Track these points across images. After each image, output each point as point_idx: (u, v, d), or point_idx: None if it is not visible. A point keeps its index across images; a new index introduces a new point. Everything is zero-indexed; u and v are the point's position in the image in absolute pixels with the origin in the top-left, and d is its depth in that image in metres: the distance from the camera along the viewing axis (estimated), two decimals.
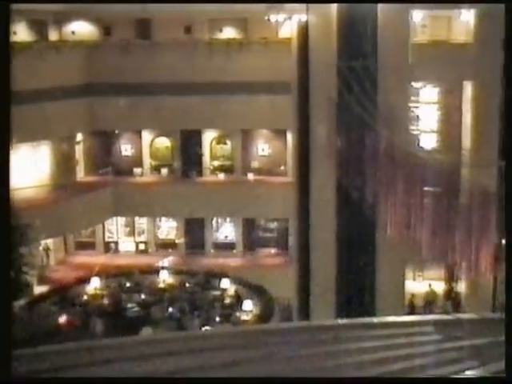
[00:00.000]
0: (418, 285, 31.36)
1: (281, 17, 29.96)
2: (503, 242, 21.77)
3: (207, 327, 22.31)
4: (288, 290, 30.08)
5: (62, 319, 22.64)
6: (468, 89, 28.90)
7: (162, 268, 28.41)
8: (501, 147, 26.95)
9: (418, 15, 28.26)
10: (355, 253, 28.29)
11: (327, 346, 11.27)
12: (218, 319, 23.25)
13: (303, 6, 27.76)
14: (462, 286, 30.24)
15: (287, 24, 30.81)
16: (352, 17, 26.76)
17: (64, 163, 36.32)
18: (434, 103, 31.10)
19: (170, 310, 23.90)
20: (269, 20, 30.26)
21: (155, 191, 36.39)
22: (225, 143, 38.06)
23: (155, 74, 35.05)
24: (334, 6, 26.98)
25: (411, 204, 20.87)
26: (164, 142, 38.36)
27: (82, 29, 39.50)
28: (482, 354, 11.07)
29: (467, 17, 28.18)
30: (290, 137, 34.58)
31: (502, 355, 10.23)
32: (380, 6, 26.58)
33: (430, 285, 30.49)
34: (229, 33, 39.32)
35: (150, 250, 37.64)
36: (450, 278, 30.85)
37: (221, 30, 39.30)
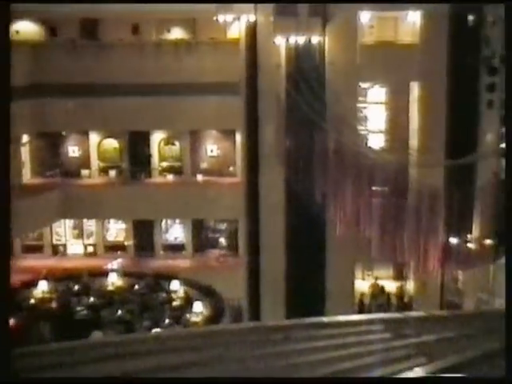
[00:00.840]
0: (367, 284, 31.63)
1: (229, 17, 29.89)
2: (451, 240, 22.10)
3: (157, 329, 22.16)
4: (238, 291, 30.04)
5: (10, 323, 22.24)
6: (415, 89, 29.23)
7: (111, 270, 28.11)
8: (448, 147, 27.34)
9: (365, 16, 28.48)
10: (305, 253, 28.40)
11: (278, 346, 11.26)
12: (167, 321, 23.10)
13: (251, 6, 27.78)
14: (410, 285, 30.58)
15: (236, 24, 30.77)
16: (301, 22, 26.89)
17: None
18: (381, 103, 31.39)
19: (120, 312, 23.67)
20: (217, 20, 30.20)
21: (103, 193, 36.02)
22: (173, 144, 37.84)
23: (102, 74, 34.69)
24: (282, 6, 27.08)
25: (360, 204, 21.05)
26: (112, 144, 37.99)
27: (26, 28, 38.90)
28: (429, 352, 11.17)
29: (414, 18, 28.50)
30: (238, 137, 34.54)
31: (449, 352, 10.35)
32: (328, 5, 26.73)
33: (376, 279, 30.77)
34: (177, 33, 39.12)
35: (98, 253, 37.23)
36: (399, 277, 31.19)
37: (169, 31, 39.07)
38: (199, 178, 36.60)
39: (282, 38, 27.38)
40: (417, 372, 10.48)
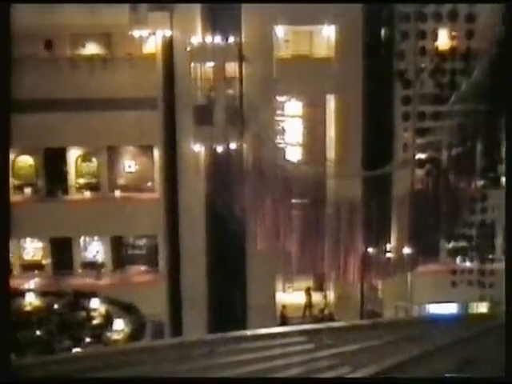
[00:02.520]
0: (288, 296, 31.76)
1: (145, 32, 29.72)
2: (370, 250, 22.38)
3: (77, 349, 21.72)
4: (159, 307, 29.75)
5: None
6: (331, 102, 29.61)
7: (29, 290, 27.47)
8: (364, 158, 27.76)
9: (280, 30, 28.72)
10: (226, 267, 28.36)
11: (201, 361, 11.18)
12: (88, 340, 22.68)
13: (167, 21, 27.71)
14: (331, 295, 30.85)
15: (152, 39, 30.59)
16: (218, 32, 26.95)
17: None
18: (298, 116, 31.69)
19: (38, 333, 23.12)
20: (132, 35, 29.97)
21: (19, 211, 35.14)
22: (90, 161, 37.29)
23: (15, 90, 33.91)
24: (198, 21, 27.15)
25: (279, 216, 21.13)
26: (27, 161, 37.19)
27: None
28: (353, 360, 11.28)
29: (328, 32, 28.89)
30: (156, 153, 34.29)
31: (372, 360, 10.46)
32: (244, 20, 26.87)
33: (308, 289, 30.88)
34: (92, 48, 38.64)
35: (15, 272, 36.34)
36: (320, 288, 31.42)
37: (84, 46, 38.56)
38: (117, 194, 36.14)
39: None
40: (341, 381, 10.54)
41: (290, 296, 31.96)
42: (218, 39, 27.12)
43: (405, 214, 21.41)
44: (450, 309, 29.40)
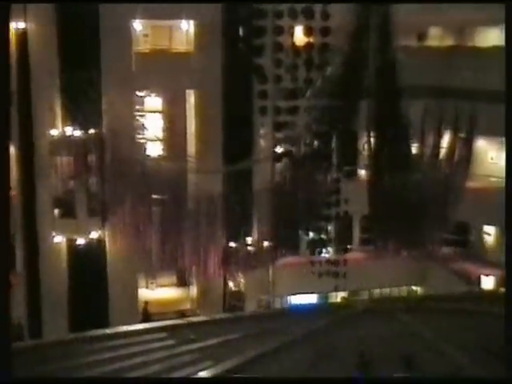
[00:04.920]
0: (151, 292, 31.56)
1: None
2: (231, 244, 22.55)
3: None
4: (17, 309, 28.82)
5: None
6: (191, 97, 29.58)
7: None
8: (225, 153, 27.91)
9: (138, 24, 28.39)
10: (86, 265, 27.83)
11: (58, 362, 10.93)
12: None
13: (21, 12, 26.80)
14: (194, 290, 30.88)
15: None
16: (73, 25, 26.34)
17: None
18: (158, 112, 31.48)
19: None
20: None
21: None
22: None
23: None
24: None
25: (140, 212, 20.93)
26: None
27: None
28: (214, 354, 11.32)
29: (187, 26, 28.83)
30: (12, 149, 33.15)
31: (233, 353, 10.54)
32: (101, 13, 26.36)
33: None
34: None
35: None
36: (182, 283, 31.38)
37: None
38: None
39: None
40: (203, 375, 10.54)
41: (154, 292, 31.77)
42: (77, 132, 26.51)
43: (265, 207, 21.68)
44: (310, 300, 30.03)
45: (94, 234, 27.54)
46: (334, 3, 21.07)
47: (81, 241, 27.78)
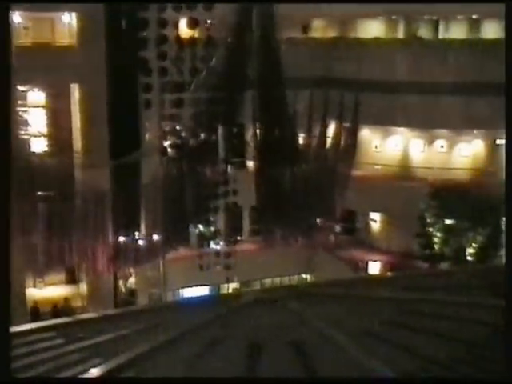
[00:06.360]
0: (39, 291, 30.89)
1: None
2: (120, 239, 22.36)
3: None
4: None
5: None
6: (76, 91, 29.04)
7: None
8: (111, 147, 27.56)
9: (18, 17, 27.64)
10: None
11: None
12: None
13: None
14: (84, 287, 30.40)
15: None
16: None
17: None
18: (42, 107, 30.75)
19: None
20: None
21: None
22: None
23: None
24: None
25: (25, 210, 20.49)
26: None
27: None
28: (104, 352, 11.19)
29: (69, 19, 28.27)
30: None
31: (123, 349, 10.47)
32: None
33: None
34: None
35: None
36: (72, 281, 30.87)
37: None
38: None
39: None
40: (92, 373, 10.42)
41: (42, 291, 31.08)
42: None
43: (153, 201, 21.60)
44: (202, 292, 30.11)
45: None
46: None
47: None
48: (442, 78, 34.48)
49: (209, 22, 20.12)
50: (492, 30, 37.95)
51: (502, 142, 35.92)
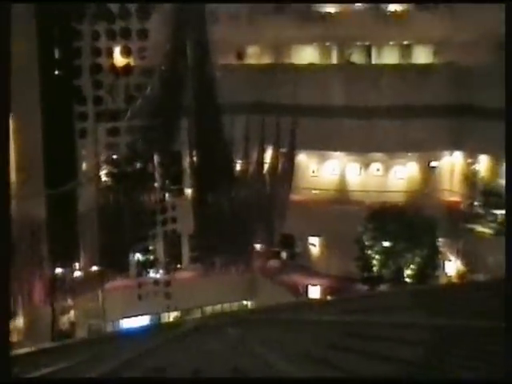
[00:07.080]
0: None
1: None
2: (57, 270, 21.97)
3: None
4: None
5: None
6: (10, 122, 28.55)
7: None
8: (47, 177, 27.13)
9: None
10: None
11: None
12: None
13: None
14: (20, 321, 29.73)
15: None
16: None
17: None
18: None
19: None
20: None
21: None
22: None
23: None
24: None
25: None
26: None
27: None
28: None
29: None
30: None
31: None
32: None
33: None
34: None
35: None
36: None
37: None
38: None
39: None
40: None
41: None
42: None
43: (91, 230, 21.32)
44: (143, 322, 29.77)
45: None
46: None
47: None
48: (375, 102, 35.00)
49: (142, 49, 20.08)
50: (422, 55, 38.78)
51: (435, 164, 36.61)
